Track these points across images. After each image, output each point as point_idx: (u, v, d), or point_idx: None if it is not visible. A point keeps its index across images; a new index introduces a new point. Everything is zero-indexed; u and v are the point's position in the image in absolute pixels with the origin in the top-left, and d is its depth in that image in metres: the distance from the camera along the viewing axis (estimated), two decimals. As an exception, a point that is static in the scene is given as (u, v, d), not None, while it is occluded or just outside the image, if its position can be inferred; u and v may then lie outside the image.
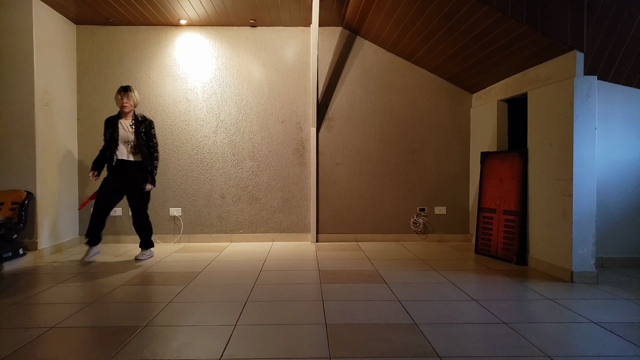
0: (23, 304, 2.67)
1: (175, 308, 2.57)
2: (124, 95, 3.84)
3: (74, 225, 4.70)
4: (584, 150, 3.18)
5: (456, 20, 3.56)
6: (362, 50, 4.90)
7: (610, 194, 3.63)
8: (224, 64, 4.84)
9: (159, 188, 4.78)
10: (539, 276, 3.35)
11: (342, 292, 2.90)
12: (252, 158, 4.88)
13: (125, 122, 3.87)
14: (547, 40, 3.22)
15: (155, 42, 4.80)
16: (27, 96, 3.97)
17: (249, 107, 4.87)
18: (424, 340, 2.08)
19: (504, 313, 2.48)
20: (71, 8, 4.28)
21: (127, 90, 3.85)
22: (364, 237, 4.92)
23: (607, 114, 3.61)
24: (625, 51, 3.38)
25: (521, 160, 3.79)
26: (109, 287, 3.03)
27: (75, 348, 2.01)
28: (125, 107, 3.85)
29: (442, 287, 3.04)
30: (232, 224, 4.87)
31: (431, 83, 4.92)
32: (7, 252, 3.61)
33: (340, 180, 4.91)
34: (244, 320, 2.36)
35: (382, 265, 3.71)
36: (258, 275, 3.37)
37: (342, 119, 4.91)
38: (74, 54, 4.71)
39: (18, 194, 3.87)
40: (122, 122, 3.87)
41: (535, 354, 1.94)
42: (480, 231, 4.24)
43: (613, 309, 2.58)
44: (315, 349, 1.99)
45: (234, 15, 4.51)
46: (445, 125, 4.92)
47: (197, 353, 1.94)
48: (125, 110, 3.87)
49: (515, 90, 3.96)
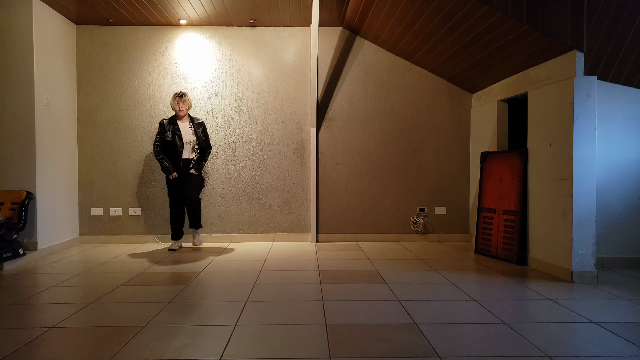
0: (23, 304, 2.67)
1: (175, 308, 2.57)
2: (179, 101, 4.22)
3: (74, 225, 4.70)
4: (584, 150, 3.18)
5: (456, 20, 3.56)
6: (362, 50, 4.90)
7: (610, 194, 3.62)
8: (224, 64, 4.84)
9: (160, 188, 4.78)
10: (539, 276, 3.35)
11: (342, 292, 2.90)
12: (252, 158, 4.88)
13: (184, 124, 4.27)
14: (547, 40, 3.22)
15: (155, 42, 4.80)
16: (27, 96, 3.97)
17: (249, 107, 4.87)
18: (424, 340, 2.08)
19: (504, 313, 2.48)
20: (71, 8, 4.28)
21: (182, 96, 4.24)
22: (364, 237, 4.92)
23: (607, 114, 3.61)
24: (625, 51, 3.38)
25: (521, 160, 3.79)
26: (109, 287, 3.03)
27: (75, 348, 2.01)
28: (182, 111, 4.24)
29: (442, 287, 3.04)
30: (232, 224, 4.87)
31: (431, 83, 4.92)
32: (7, 252, 3.61)
33: (340, 180, 4.91)
34: (244, 320, 2.36)
35: (382, 265, 3.71)
36: (258, 275, 3.37)
37: (342, 119, 4.91)
38: (74, 54, 4.71)
39: (18, 194, 3.87)
40: (181, 124, 4.25)
41: (535, 354, 1.94)
42: (480, 231, 4.24)
43: (613, 309, 2.58)
44: (315, 349, 1.99)
45: (234, 15, 4.51)
46: (445, 125, 4.92)
47: (197, 353, 1.94)
48: (181, 114, 4.24)
49: (515, 90, 3.96)
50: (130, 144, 4.78)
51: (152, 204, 4.79)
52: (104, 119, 4.77)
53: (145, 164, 4.79)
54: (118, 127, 4.78)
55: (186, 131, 4.25)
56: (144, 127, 4.79)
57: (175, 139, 4.20)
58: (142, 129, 4.79)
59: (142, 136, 4.79)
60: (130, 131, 4.78)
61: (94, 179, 4.77)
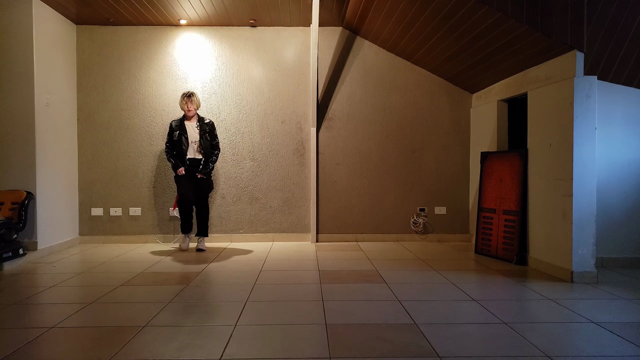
0: (23, 304, 2.67)
1: (175, 308, 2.57)
2: (187, 101, 4.20)
3: (74, 225, 4.70)
4: (584, 150, 3.18)
5: (456, 20, 3.56)
6: (362, 50, 4.90)
7: (610, 194, 3.62)
8: (224, 64, 4.84)
9: (159, 188, 4.78)
10: (539, 276, 3.35)
11: (342, 292, 2.90)
12: (252, 158, 4.88)
13: (191, 124, 4.27)
14: (547, 40, 3.22)
15: (155, 42, 4.80)
16: (27, 96, 3.97)
17: (249, 107, 4.87)
18: (424, 340, 2.08)
19: (504, 313, 2.48)
20: (71, 8, 4.28)
21: (190, 96, 4.20)
22: (364, 237, 4.92)
23: (607, 114, 3.61)
24: (625, 51, 3.38)
25: (521, 160, 3.79)
26: (109, 287, 3.03)
27: (75, 348, 2.01)
28: (190, 111, 4.22)
29: (442, 287, 3.04)
30: (232, 224, 4.87)
31: (431, 83, 4.92)
32: (7, 252, 3.61)
33: (340, 180, 4.91)
34: (244, 320, 2.36)
35: (382, 265, 3.71)
36: (258, 275, 3.37)
37: (342, 119, 4.91)
38: (74, 54, 4.71)
39: (18, 194, 3.87)
40: (187, 124, 4.25)
41: (535, 354, 1.94)
42: (480, 231, 4.24)
43: (613, 309, 2.58)
44: (315, 349, 1.99)
45: (234, 15, 4.51)
46: (445, 125, 4.92)
47: (197, 353, 1.94)
48: (189, 114, 4.23)
49: (515, 90, 3.96)
50: (130, 144, 4.78)
51: (152, 204, 4.79)
52: (104, 119, 4.77)
53: (145, 164, 4.79)
54: (118, 127, 4.78)
55: (192, 131, 4.25)
56: (143, 127, 4.79)
57: (182, 139, 4.21)
58: (142, 129, 4.79)
59: (142, 136, 4.79)
60: (130, 131, 4.78)
61: (94, 179, 4.77)
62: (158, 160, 4.80)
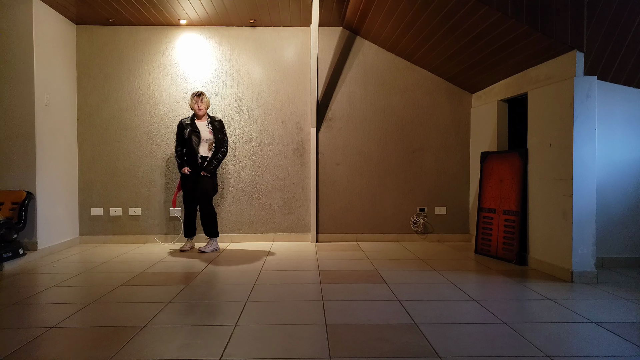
0: (23, 304, 2.67)
1: (175, 308, 2.57)
2: (197, 100, 4.20)
3: (74, 225, 4.70)
4: (584, 150, 3.18)
5: (456, 20, 3.56)
6: (362, 50, 4.90)
7: (610, 194, 3.62)
8: (224, 64, 4.84)
9: (159, 188, 4.78)
10: (539, 276, 3.35)
11: (342, 292, 2.90)
12: (252, 158, 4.88)
13: (202, 123, 4.27)
14: (547, 40, 3.22)
15: (155, 42, 4.80)
16: (27, 96, 3.97)
17: (249, 107, 4.87)
18: (424, 340, 2.08)
19: (504, 313, 2.48)
20: (71, 8, 4.28)
21: (200, 95, 4.22)
22: (364, 237, 4.92)
23: (607, 114, 3.61)
24: (625, 51, 3.38)
25: (521, 160, 3.79)
26: (109, 287, 3.03)
27: (75, 348, 2.01)
28: (200, 110, 4.22)
29: (442, 287, 3.04)
30: (232, 224, 4.87)
31: (431, 83, 4.92)
32: (7, 252, 3.61)
33: (340, 180, 4.91)
34: (244, 320, 2.36)
35: (382, 265, 3.71)
36: (258, 275, 3.37)
37: (342, 119, 4.91)
38: (74, 54, 4.71)
39: (18, 194, 3.87)
40: (198, 123, 4.25)
41: (535, 354, 1.94)
42: (480, 231, 4.24)
43: (613, 309, 2.58)
44: (315, 349, 1.99)
45: (234, 15, 4.51)
46: (445, 125, 4.92)
47: (197, 353, 1.94)
48: (200, 113, 4.23)
49: (515, 90, 3.96)
50: (130, 144, 4.78)
51: (152, 204, 4.80)
52: (104, 119, 4.77)
53: (145, 164, 4.79)
54: (118, 127, 4.78)
55: (204, 129, 4.24)
56: (143, 127, 4.79)
57: (192, 137, 4.19)
58: (142, 129, 4.79)
59: (142, 136, 4.79)
60: (130, 131, 4.78)
61: (94, 179, 4.77)
62: (158, 160, 4.80)
